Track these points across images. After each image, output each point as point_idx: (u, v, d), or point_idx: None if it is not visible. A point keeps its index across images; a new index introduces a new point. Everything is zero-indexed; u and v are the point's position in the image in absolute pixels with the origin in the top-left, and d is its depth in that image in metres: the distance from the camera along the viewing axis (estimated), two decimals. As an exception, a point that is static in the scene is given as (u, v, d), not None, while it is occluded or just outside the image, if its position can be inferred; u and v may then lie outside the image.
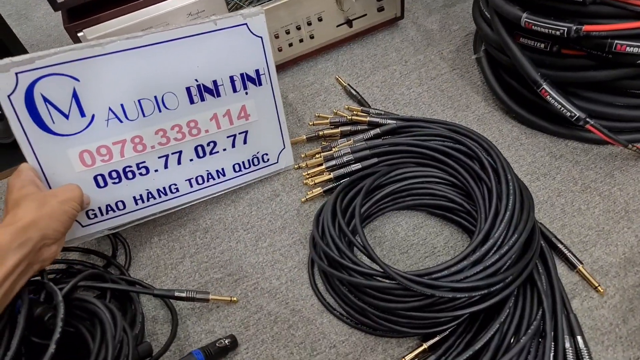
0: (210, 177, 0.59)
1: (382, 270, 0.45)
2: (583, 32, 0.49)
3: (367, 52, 0.79)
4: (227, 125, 0.57)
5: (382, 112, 0.66)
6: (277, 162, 0.62)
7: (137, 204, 0.57)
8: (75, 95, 0.50)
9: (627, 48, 0.48)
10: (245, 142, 0.59)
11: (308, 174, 0.62)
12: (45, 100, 0.49)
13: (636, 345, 0.45)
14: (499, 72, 0.65)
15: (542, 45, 0.56)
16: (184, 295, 0.51)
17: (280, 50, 0.74)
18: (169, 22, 0.63)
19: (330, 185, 0.60)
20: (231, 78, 0.55)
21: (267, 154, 0.61)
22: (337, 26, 0.76)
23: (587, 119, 0.53)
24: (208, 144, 0.58)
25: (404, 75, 0.74)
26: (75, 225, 0.54)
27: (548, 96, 0.54)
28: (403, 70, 0.75)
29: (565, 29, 0.50)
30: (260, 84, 0.57)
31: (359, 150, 0.59)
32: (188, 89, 0.54)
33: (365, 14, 0.76)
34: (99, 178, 0.54)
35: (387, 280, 0.47)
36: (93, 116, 0.51)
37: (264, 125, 0.59)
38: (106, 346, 0.40)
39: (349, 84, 0.72)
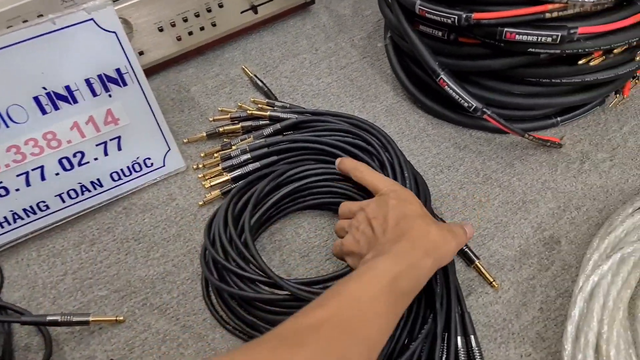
0: (84, 189, 0.54)
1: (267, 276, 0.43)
2: (473, 20, 0.47)
3: (277, 39, 0.75)
4: (92, 133, 0.52)
5: (288, 106, 0.63)
6: (164, 166, 0.58)
7: (2, 227, 0.52)
8: None
9: (517, 36, 0.46)
10: (119, 149, 0.54)
11: (205, 175, 0.57)
12: None
13: (528, 341, 0.44)
14: (405, 60, 0.63)
15: (440, 34, 0.54)
16: (58, 319, 0.45)
17: (179, 39, 0.68)
18: (41, 11, 0.57)
19: (228, 187, 0.56)
20: (87, 81, 0.50)
21: (149, 158, 0.56)
22: (242, 12, 0.71)
23: (484, 109, 0.52)
24: (74, 155, 0.52)
25: (314, 65, 0.70)
26: None
27: (446, 86, 0.53)
28: (313, 59, 0.71)
29: (456, 17, 0.48)
30: (125, 84, 0.52)
31: (256, 148, 0.56)
32: (37, 99, 0.49)
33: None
34: None
35: (279, 292, 0.44)
36: None
37: (138, 128, 0.55)
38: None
39: (255, 75, 0.68)
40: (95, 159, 0.54)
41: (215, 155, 0.59)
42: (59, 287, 0.52)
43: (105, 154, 0.54)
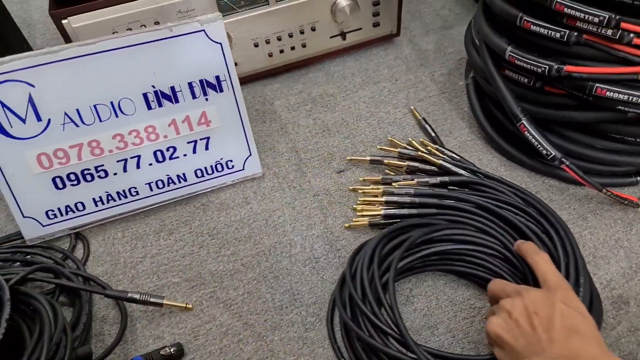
0: (170, 181, 0.59)
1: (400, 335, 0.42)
2: (564, 72, 0.48)
3: (360, 65, 0.78)
4: (186, 131, 0.57)
5: (457, 157, 0.60)
6: (243, 169, 0.62)
7: (96, 205, 0.57)
8: (31, 101, 0.51)
9: (607, 93, 0.47)
10: (207, 149, 0.59)
11: (361, 202, 0.58)
12: (3, 105, 0.50)
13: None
14: (485, 101, 0.64)
15: (526, 80, 0.55)
16: (137, 297, 0.50)
17: (270, 55, 0.73)
18: (158, 19, 0.63)
19: (376, 221, 0.55)
20: (190, 84, 0.55)
21: (231, 161, 0.61)
22: (331, 37, 0.75)
23: (563, 159, 0.52)
24: (167, 149, 0.58)
25: (392, 94, 0.73)
26: (35, 225, 0.56)
27: (526, 132, 0.54)
28: (392, 88, 0.74)
29: (547, 67, 0.49)
30: (221, 90, 0.56)
31: (422, 196, 0.54)
32: (145, 95, 0.54)
33: (360, 28, 0.76)
34: (57, 180, 0.55)
35: (406, 352, 0.42)
36: (49, 120, 0.52)
37: (226, 132, 0.59)
38: (42, 346, 0.40)
39: (424, 119, 0.66)
40: (185, 155, 0.59)
41: (375, 187, 0.59)
42: (138, 267, 0.56)
43: (194, 151, 0.59)
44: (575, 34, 0.46)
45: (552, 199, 0.58)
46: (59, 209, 0.56)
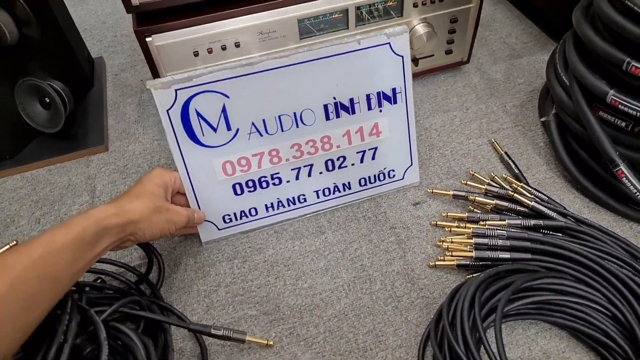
0: (336, 189, 0.60)
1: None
2: (680, 122, 0.46)
3: (428, 92, 0.77)
4: (358, 142, 0.58)
5: (546, 199, 0.58)
6: (403, 179, 0.62)
7: (267, 211, 0.59)
8: (224, 111, 0.52)
9: None
10: (373, 158, 0.60)
11: (445, 240, 0.56)
12: (198, 114, 0.52)
13: None
14: (567, 139, 0.63)
15: (623, 124, 0.53)
16: (220, 333, 0.48)
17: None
18: (238, 38, 0.61)
19: (464, 262, 0.53)
20: (367, 96, 0.56)
21: (393, 170, 0.61)
22: (401, 62, 0.74)
23: (667, 212, 0.50)
24: (338, 159, 0.58)
25: (464, 124, 0.72)
26: (212, 228, 0.58)
27: (624, 178, 0.52)
28: (464, 117, 0.72)
29: (660, 114, 0.47)
30: (395, 102, 0.57)
31: (516, 239, 0.52)
32: (325, 106, 0.55)
33: (433, 55, 0.74)
34: (237, 186, 0.57)
35: None
36: (237, 130, 0.54)
37: (394, 143, 0.60)
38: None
39: (506, 153, 0.64)
40: (352, 164, 0.59)
41: (457, 225, 0.57)
42: (212, 297, 0.55)
43: (361, 161, 0.59)
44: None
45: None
46: (234, 213, 0.58)
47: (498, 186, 0.60)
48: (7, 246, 0.48)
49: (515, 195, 0.57)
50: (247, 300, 0.54)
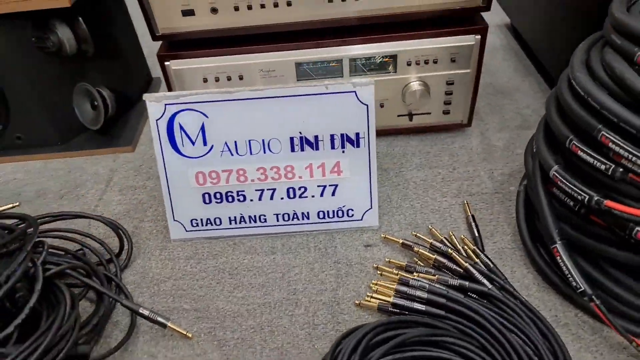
0: (295, 216, 0.66)
1: None
2: (604, 207, 0.45)
3: (422, 147, 0.79)
4: (319, 176, 0.63)
5: (492, 266, 0.58)
6: (361, 220, 0.66)
7: (230, 223, 0.66)
8: (202, 128, 0.61)
9: (648, 239, 0.43)
10: (333, 195, 0.64)
11: (377, 283, 0.58)
12: (181, 128, 0.61)
13: None
14: (532, 214, 0.61)
15: (572, 204, 0.52)
16: (146, 314, 0.55)
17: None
18: (241, 72, 0.71)
19: (386, 307, 0.55)
20: (332, 136, 0.61)
21: (352, 210, 0.65)
22: (398, 116, 0.78)
23: (593, 297, 0.48)
24: (299, 188, 0.64)
25: (446, 182, 0.73)
26: (181, 228, 0.66)
27: (558, 257, 0.50)
28: (447, 176, 0.74)
29: (588, 197, 0.46)
30: (358, 146, 0.62)
31: (435, 294, 0.53)
32: (292, 139, 0.61)
33: (430, 113, 0.77)
34: (206, 196, 0.64)
35: None
36: (212, 146, 0.62)
37: (354, 183, 0.64)
38: (48, 333, 0.46)
39: (472, 216, 0.65)
40: (312, 196, 0.65)
41: (395, 272, 0.58)
42: (161, 285, 0.62)
43: (321, 195, 0.65)
44: (621, 170, 0.44)
45: (580, 337, 0.52)
46: (201, 219, 0.66)
47: (447, 244, 0.61)
48: (10, 205, 0.60)
49: (453, 254, 0.58)
50: (186, 295, 0.60)
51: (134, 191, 0.77)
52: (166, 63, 0.70)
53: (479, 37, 0.69)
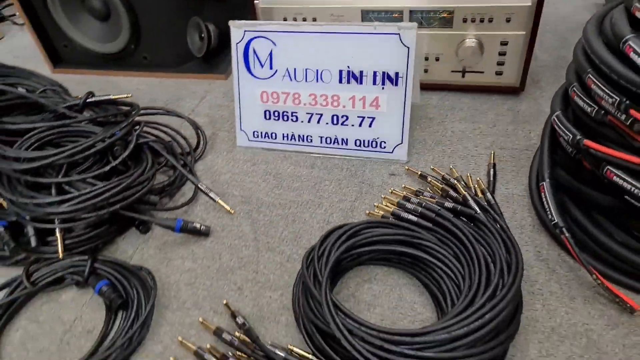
0: (336, 141, 0.77)
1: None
2: (584, 145, 0.50)
3: (471, 104, 0.85)
4: (360, 108, 0.74)
5: (492, 202, 0.64)
6: (392, 153, 0.75)
7: (283, 139, 0.80)
8: (270, 54, 0.74)
9: (614, 177, 0.47)
10: (370, 126, 0.74)
11: (386, 198, 0.67)
12: (254, 52, 0.75)
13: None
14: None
15: (566, 146, 0.56)
16: (203, 188, 0.72)
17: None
18: (315, 15, 0.83)
19: (387, 217, 0.64)
20: (374, 73, 0.71)
21: (385, 142, 0.75)
22: (452, 72, 0.84)
23: (563, 229, 0.53)
24: (342, 116, 0.75)
25: (482, 136, 0.78)
26: (245, 137, 0.81)
27: (543, 194, 0.55)
28: (485, 131, 0.79)
29: (572, 136, 0.51)
30: (396, 85, 0.70)
31: (427, 209, 0.61)
32: (340, 71, 0.72)
33: (482, 72, 0.82)
34: (267, 112, 0.78)
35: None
36: (276, 71, 0.75)
37: (389, 118, 0.73)
38: (130, 177, 0.64)
39: (494, 163, 0.71)
40: (352, 125, 0.75)
41: (403, 194, 0.67)
42: (221, 178, 0.78)
43: (360, 125, 0.75)
44: (602, 112, 0.48)
45: (555, 271, 0.57)
46: (260, 132, 0.80)
47: (457, 180, 0.68)
48: (125, 95, 0.80)
49: (457, 185, 0.65)
50: (237, 186, 0.76)
51: (219, 108, 0.94)
52: (255, 2, 0.85)
53: (535, -1, 0.72)
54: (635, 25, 0.45)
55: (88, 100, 0.76)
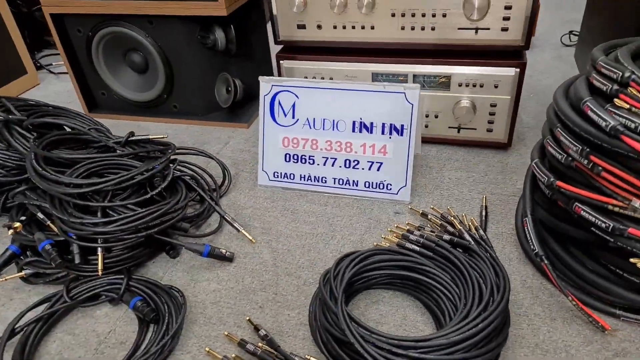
0: (347, 182, 0.88)
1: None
2: (556, 186, 0.60)
3: (465, 156, 0.96)
4: (369, 154, 0.85)
5: (484, 237, 0.73)
6: (397, 194, 0.85)
7: (300, 179, 0.90)
8: (293, 106, 0.87)
9: (582, 212, 0.57)
10: (378, 170, 0.85)
11: (391, 230, 0.78)
12: (279, 103, 0.87)
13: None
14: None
15: (544, 189, 0.66)
16: (228, 219, 0.81)
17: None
18: (332, 75, 0.97)
19: (392, 247, 0.72)
20: (383, 124, 0.83)
21: (390, 185, 0.86)
22: (449, 127, 0.96)
23: (543, 257, 0.62)
24: (354, 161, 0.86)
25: (475, 182, 0.89)
26: (265, 177, 0.91)
27: (525, 227, 0.65)
28: (478, 179, 0.90)
29: (547, 178, 0.62)
30: (402, 135, 0.83)
31: (428, 240, 0.68)
32: (354, 122, 0.85)
33: (475, 129, 0.95)
34: (287, 155, 0.90)
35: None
36: (297, 120, 0.87)
37: (395, 163, 0.84)
38: (166, 205, 0.73)
39: (485, 206, 0.81)
40: (362, 169, 0.87)
41: (406, 229, 0.75)
42: (243, 212, 0.87)
43: (369, 169, 0.86)
44: (570, 159, 0.59)
45: (537, 296, 0.66)
46: (280, 173, 0.90)
47: (453, 216, 0.78)
48: (161, 135, 0.91)
49: (454, 221, 0.75)
50: (258, 219, 0.85)
51: (242, 152, 1.06)
52: (281, 62, 0.99)
53: (518, 70, 0.86)
54: (593, 90, 0.57)
55: (130, 139, 0.87)
